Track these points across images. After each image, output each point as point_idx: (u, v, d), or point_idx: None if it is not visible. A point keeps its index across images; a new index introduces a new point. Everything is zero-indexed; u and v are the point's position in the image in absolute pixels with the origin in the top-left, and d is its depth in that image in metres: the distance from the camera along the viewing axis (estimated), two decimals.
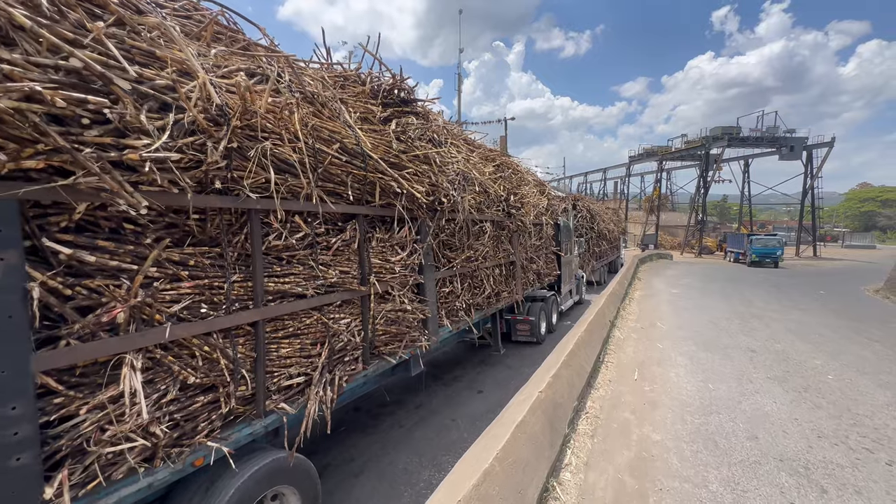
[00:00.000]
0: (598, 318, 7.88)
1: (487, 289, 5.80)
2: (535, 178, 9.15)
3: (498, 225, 6.53)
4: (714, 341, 8.08)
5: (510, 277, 7.01)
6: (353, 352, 3.32)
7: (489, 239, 6.00)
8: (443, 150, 4.20)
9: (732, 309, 11.42)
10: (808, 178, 36.73)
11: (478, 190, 5.49)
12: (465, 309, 5.36)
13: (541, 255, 8.91)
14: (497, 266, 6.37)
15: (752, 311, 11.19)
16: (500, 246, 6.55)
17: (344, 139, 3.18)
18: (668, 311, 10.97)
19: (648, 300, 12.85)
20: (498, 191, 6.40)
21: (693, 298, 13.35)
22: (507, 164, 7.48)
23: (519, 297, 7.31)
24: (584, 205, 19.40)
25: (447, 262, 4.93)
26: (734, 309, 11.42)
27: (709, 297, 13.49)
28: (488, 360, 7.60)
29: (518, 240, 7.44)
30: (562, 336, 9.68)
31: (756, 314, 10.70)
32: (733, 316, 10.48)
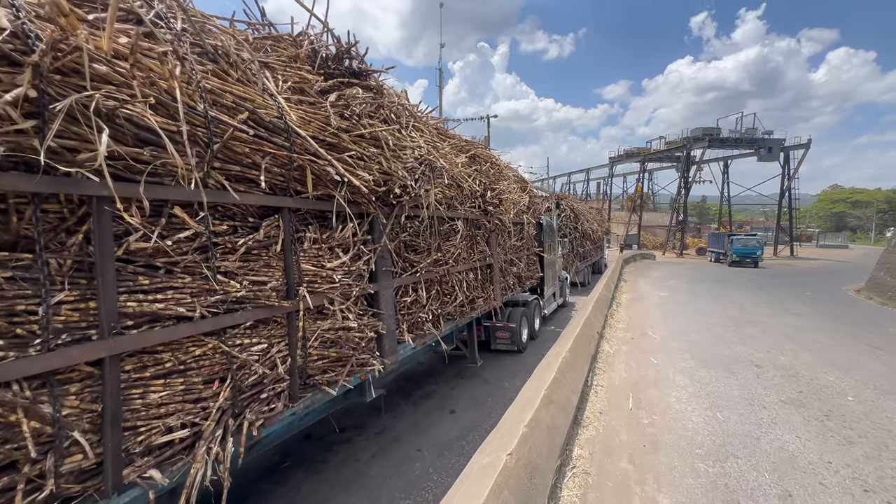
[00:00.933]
0: (585, 330, 7.06)
1: (460, 296, 5.09)
2: (515, 174, 8.51)
3: (473, 223, 5.84)
4: (713, 353, 7.26)
5: (487, 282, 6.32)
6: (274, 386, 2.56)
7: (462, 239, 5.30)
8: (396, 129, 3.47)
9: (724, 313, 10.89)
10: (785, 178, 37.29)
11: (447, 183, 4.78)
12: (433, 320, 4.64)
13: (522, 257, 8.27)
14: (472, 270, 5.67)
15: (745, 315, 10.68)
16: (476, 247, 5.86)
17: (259, 109, 2.42)
18: (659, 318, 10.23)
19: (637, 305, 12.11)
20: (473, 185, 5.71)
21: (683, 302, 12.74)
22: (485, 157, 6.80)
23: (497, 303, 6.63)
24: (567, 204, 18.93)
25: (410, 267, 4.20)
26: (726, 313, 10.90)
27: (698, 301, 12.98)
28: (464, 373, 6.90)
29: (496, 240, 6.77)
30: (545, 343, 8.99)
31: (750, 319, 10.17)
32: (727, 321, 9.91)
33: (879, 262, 15.43)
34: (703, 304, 12.44)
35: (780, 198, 37.90)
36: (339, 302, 3.01)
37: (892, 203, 76.77)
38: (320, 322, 2.92)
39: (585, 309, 8.70)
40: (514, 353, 8.08)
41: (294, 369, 2.69)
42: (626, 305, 11.84)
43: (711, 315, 10.64)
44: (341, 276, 3.01)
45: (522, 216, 8.20)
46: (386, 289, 3.65)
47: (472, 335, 6.70)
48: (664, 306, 11.84)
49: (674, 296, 13.87)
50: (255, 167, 2.37)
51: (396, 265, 3.95)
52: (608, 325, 9.04)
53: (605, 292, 11.47)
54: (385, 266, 3.65)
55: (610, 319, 9.60)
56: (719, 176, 43.01)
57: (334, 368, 3.03)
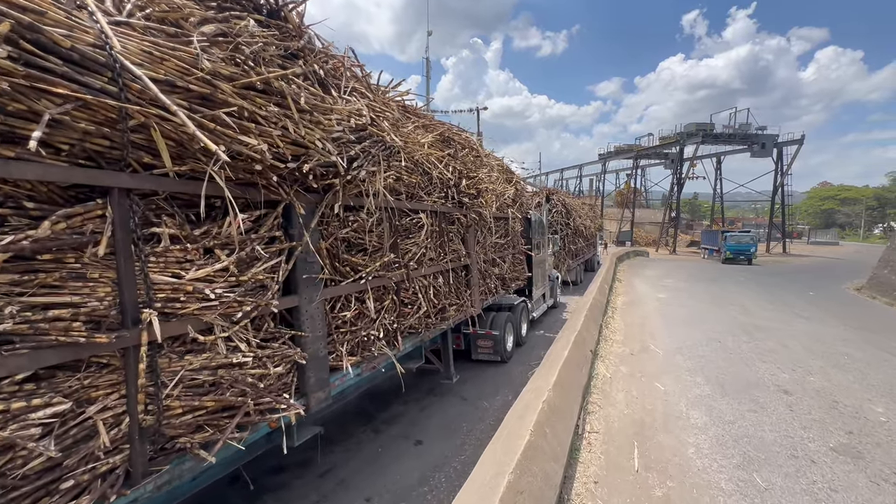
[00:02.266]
0: (576, 352, 5.68)
1: (425, 305, 4.18)
2: (499, 164, 7.60)
3: (444, 218, 4.93)
4: (730, 374, 6.04)
5: (463, 286, 5.42)
6: (92, 466, 1.64)
7: (428, 236, 4.39)
8: (311, 83, 2.52)
9: (731, 318, 9.89)
10: (778, 174, 36.87)
11: (405, 165, 3.87)
12: (388, 336, 3.73)
13: (506, 256, 7.38)
14: (442, 272, 4.77)
15: (753, 321, 9.68)
16: (448, 246, 4.95)
17: (48, 25, 1.48)
18: (660, 326, 9.08)
19: (634, 309, 11.03)
20: (444, 172, 4.80)
21: (684, 305, 11.68)
22: (462, 142, 5.89)
23: (475, 310, 5.74)
24: (559, 199, 18.10)
25: (353, 272, 3.27)
26: (732, 318, 9.89)
27: (699, 303, 12.02)
28: (438, 390, 6.00)
29: (475, 237, 5.87)
30: (533, 351, 8.08)
31: (760, 325, 9.13)
32: (736, 329, 8.76)
33: (882, 259, 14.81)
34: (705, 307, 11.46)
35: (773, 194, 37.49)
36: (220, 327, 2.08)
37: (881, 200, 77.38)
38: (191, 358, 1.99)
39: (577, 319, 7.53)
40: (497, 363, 7.22)
41: (135, 433, 1.77)
42: (623, 310, 10.84)
43: (717, 321, 9.62)
44: (223, 290, 2.07)
45: (507, 210, 7.31)
46: (310, 302, 2.72)
47: (447, 346, 5.80)
48: (664, 310, 10.87)
49: (673, 297, 12.90)
50: (26, 118, 1.43)
51: (330, 270, 3.02)
52: (603, 336, 8.02)
53: (598, 296, 10.43)
54: (310, 272, 2.73)
55: (605, 330, 8.53)
56: (712, 173, 42.61)
57: (217, 422, 2.10)
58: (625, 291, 13.84)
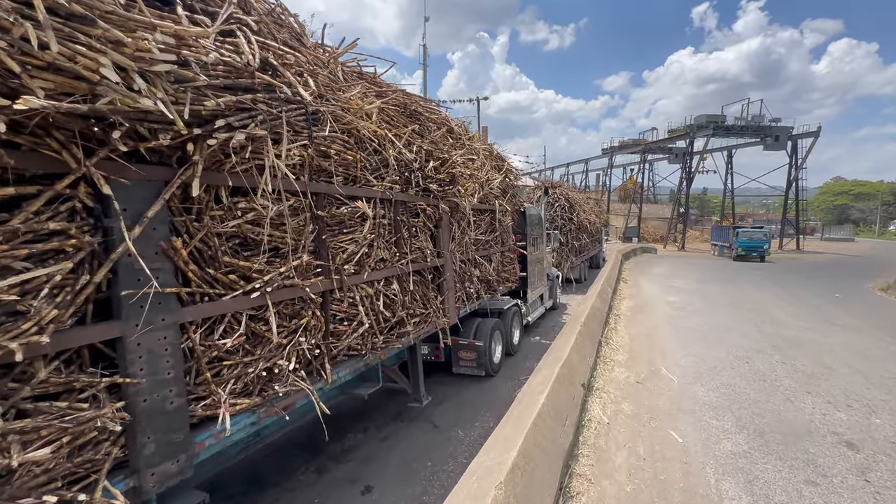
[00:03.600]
0: (561, 389, 4.17)
1: (367, 320, 3.22)
2: (487, 149, 6.61)
3: (405, 209, 3.97)
4: (768, 415, 4.57)
5: (431, 292, 4.46)
6: None
7: (376, 231, 3.43)
8: None
9: (755, 328, 8.47)
10: (792, 168, 35.36)
11: (338, 137, 2.92)
12: (310, 365, 2.79)
13: (493, 254, 6.41)
14: (400, 276, 3.81)
15: (782, 330, 8.30)
16: (409, 243, 3.99)
17: None
18: (672, 339, 7.60)
19: (640, 317, 9.50)
20: (405, 153, 3.84)
21: (698, 311, 10.15)
22: (437, 120, 4.93)
23: (449, 320, 4.79)
24: (562, 192, 17.05)
25: (242, 282, 2.33)
26: (757, 328, 8.46)
27: (716, 308, 10.62)
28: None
29: (450, 233, 4.91)
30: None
31: (791, 338, 7.70)
32: (763, 343, 7.37)
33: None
34: (722, 313, 10.11)
35: (787, 188, 35.99)
36: None
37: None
38: None
39: (567, 337, 5.90)
40: (481, 378, 6.27)
41: None
42: (628, 319, 9.40)
43: (740, 332, 8.16)
44: None
45: (494, 202, 6.33)
46: (142, 333, 1.78)
47: (416, 363, 4.85)
48: (676, 318, 9.44)
49: (685, 301, 11.51)
50: None
51: (198, 280, 2.08)
52: (602, 357, 6.47)
53: (598, 303, 8.91)
54: (138, 286, 1.79)
55: (605, 348, 6.98)
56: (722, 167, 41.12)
57: None
58: (630, 294, 12.60)
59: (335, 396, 3.92)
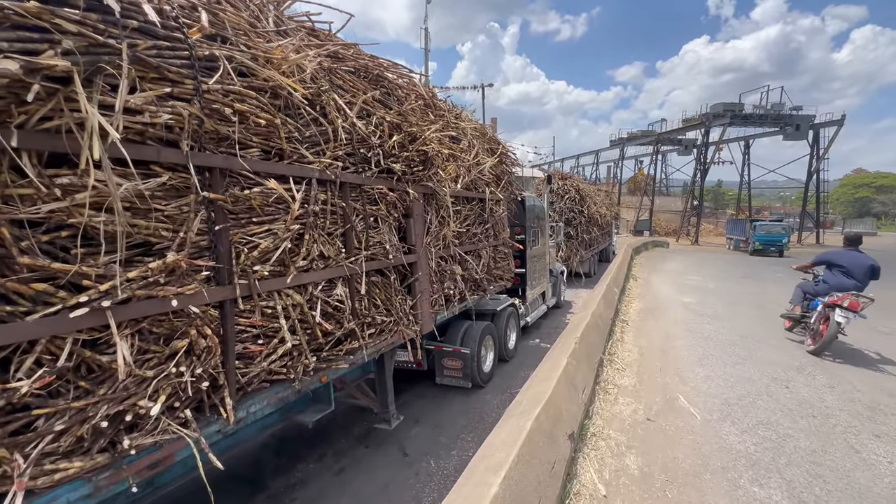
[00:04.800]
0: (532, 455, 2.69)
1: (291, 338, 2.47)
2: (477, 128, 5.78)
3: (358, 193, 3.20)
4: (833, 479, 3.14)
5: (398, 295, 3.70)
6: None
7: (305, 221, 2.67)
8: None
9: (788, 338, 7.10)
10: (813, 159, 33.73)
11: (242, 91, 2.16)
12: (205, 400, 2.06)
13: (484, 249, 5.62)
14: (348, 278, 3.05)
15: None
16: (364, 236, 3.22)
17: None
18: (691, 353, 6.26)
19: (652, 323, 8.12)
20: (359, 125, 3.07)
21: (719, 315, 8.75)
22: (406, 87, 4.14)
23: (421, 327, 4.02)
24: (572, 184, 16.15)
25: (60, 292, 1.59)
26: (791, 338, 7.08)
27: (739, 311, 9.26)
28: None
29: (424, 224, 4.12)
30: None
31: (833, 351, 6.29)
32: (803, 359, 5.97)
33: None
34: (747, 317, 8.74)
35: (808, 180, 34.38)
36: None
37: None
38: None
39: (558, 357, 4.58)
40: (467, 390, 5.53)
41: None
42: (637, 326, 7.94)
43: (771, 343, 6.80)
44: None
45: (485, 189, 5.52)
46: None
47: (383, 378, 4.09)
48: (693, 324, 8.05)
49: (703, 303, 10.15)
50: None
51: None
52: (602, 384, 4.96)
53: (603, 308, 7.41)
54: None
55: (607, 369, 5.47)
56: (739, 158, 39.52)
57: None
58: (641, 294, 11.40)
59: (272, 425, 3.19)
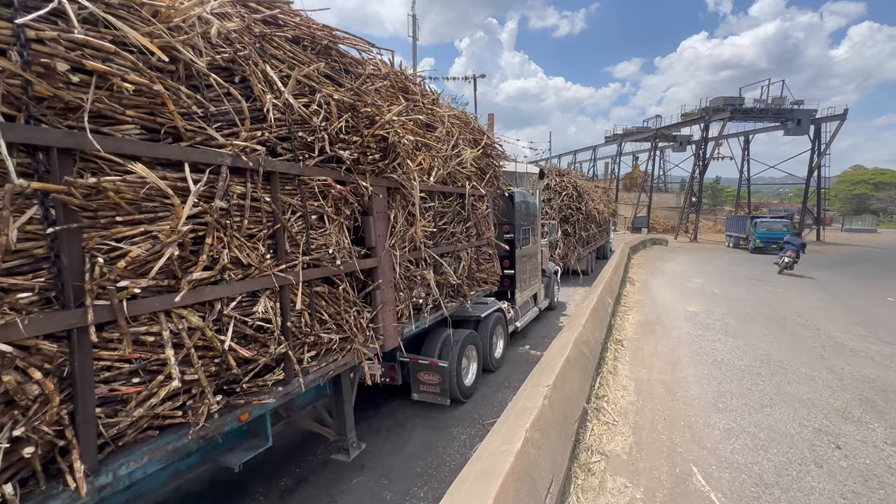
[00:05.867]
0: None
1: (178, 374, 1.89)
2: (457, 115, 5.17)
3: (296, 186, 2.61)
4: None
5: (352, 307, 3.12)
6: None
7: (205, 220, 2.08)
8: None
9: (821, 361, 5.78)
10: (814, 155, 33.20)
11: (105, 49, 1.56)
12: (41, 469, 1.48)
13: (464, 250, 5.04)
14: (281, 290, 2.46)
15: (862, 367, 5.56)
16: (302, 238, 2.64)
17: None
18: (704, 392, 4.79)
19: (652, 343, 6.73)
20: (295, 104, 2.49)
21: (731, 330, 7.45)
22: (366, 65, 3.55)
23: (385, 343, 3.44)
24: (570, 181, 15.61)
25: None
26: (824, 361, 5.77)
27: (753, 324, 7.95)
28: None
29: (388, 222, 3.54)
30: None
31: (887, 384, 4.97)
32: (848, 396, 4.66)
33: None
34: (764, 332, 7.36)
35: (809, 176, 33.85)
36: None
37: None
38: None
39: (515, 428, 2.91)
40: (445, 407, 4.96)
41: None
42: (634, 349, 6.48)
43: (802, 371, 5.37)
44: None
45: (465, 183, 4.94)
46: None
47: (341, 402, 3.51)
48: (703, 345, 6.64)
49: (710, 312, 8.90)
50: None
51: None
52: (584, 457, 3.43)
53: (590, 329, 5.79)
54: None
55: (592, 424, 4.03)
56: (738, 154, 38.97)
57: None
58: (639, 302, 10.22)
59: (196, 466, 2.62)
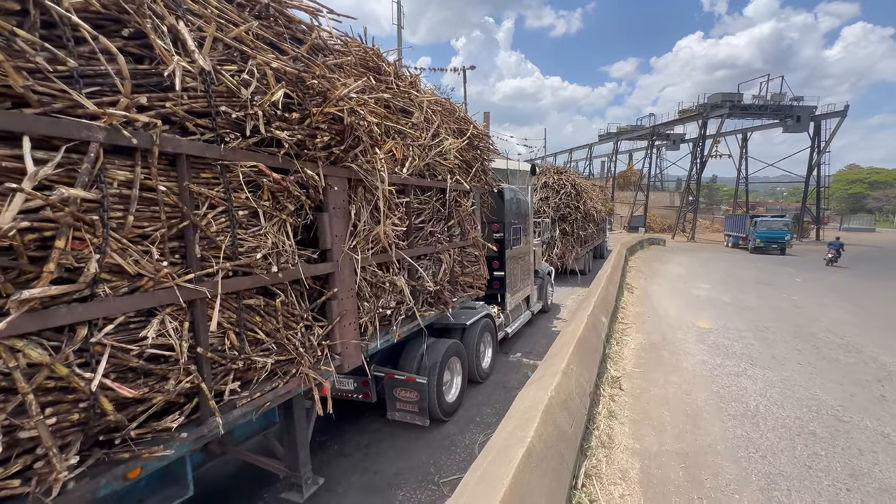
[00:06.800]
0: None
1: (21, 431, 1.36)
2: (439, 102, 4.62)
3: (220, 175, 2.07)
4: None
5: (300, 322, 2.57)
6: None
7: (40, 212, 1.53)
8: None
9: (886, 408, 4.40)
10: (814, 153, 32.84)
11: None
12: None
13: (445, 252, 4.49)
14: (189, 307, 1.92)
15: None
16: (223, 240, 2.09)
17: None
18: (743, 477, 3.22)
19: (659, 382, 5.06)
20: (203, 65, 1.94)
21: (756, 359, 5.82)
22: (315, 31, 3.01)
23: (345, 362, 2.90)
24: (568, 179, 15.11)
25: None
26: (891, 409, 4.38)
27: (780, 346, 6.50)
28: None
29: (347, 219, 2.99)
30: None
31: None
32: None
33: None
34: (796, 357, 5.95)
35: (808, 174, 33.49)
36: None
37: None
38: None
39: None
40: (425, 428, 4.43)
41: None
42: (637, 394, 4.76)
43: (866, 426, 4.03)
44: None
45: (446, 177, 4.39)
46: None
47: (292, 431, 2.97)
48: (725, 384, 4.98)
49: (725, 331, 7.34)
50: None
51: None
52: None
53: (577, 374, 4.16)
54: None
55: None
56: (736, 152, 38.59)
57: None
58: (639, 316, 8.61)
59: None
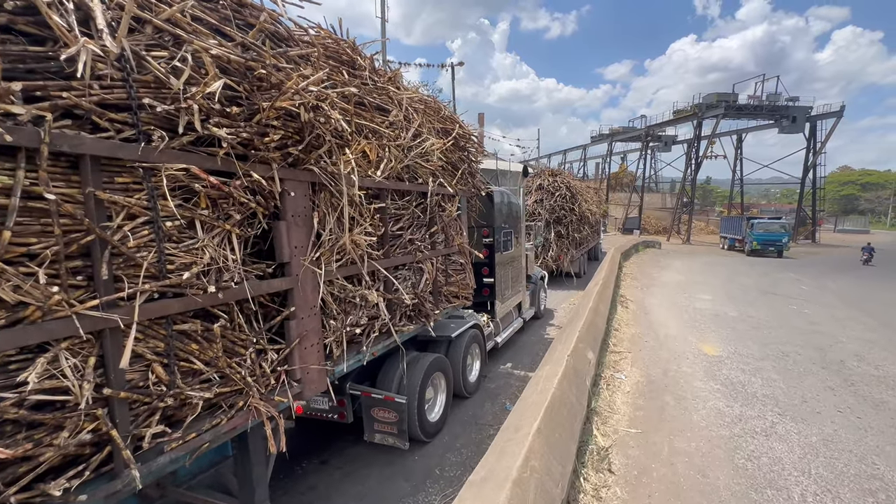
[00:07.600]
0: None
1: None
2: (421, 99, 4.29)
3: (137, 177, 1.74)
4: None
5: (249, 346, 2.25)
6: None
7: None
8: None
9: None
10: (809, 153, 32.82)
11: None
12: None
13: (427, 261, 4.17)
14: (92, 339, 1.59)
15: None
16: (134, 256, 1.77)
17: None
18: None
19: (663, 449, 3.89)
20: (126, 49, 1.60)
21: (783, 406, 4.76)
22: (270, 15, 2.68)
23: (306, 389, 2.57)
24: (563, 181, 14.90)
25: None
26: None
27: (808, 385, 5.39)
28: None
29: (309, 231, 2.67)
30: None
31: None
32: None
33: None
34: (841, 405, 4.82)
35: (804, 175, 33.44)
36: None
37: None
38: None
39: None
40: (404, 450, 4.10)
41: None
42: (633, 471, 3.57)
43: None
44: None
45: (427, 180, 4.07)
46: None
47: (248, 466, 2.63)
48: (754, 452, 3.83)
49: (738, 360, 6.29)
50: None
51: None
52: None
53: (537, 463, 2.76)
54: None
55: None
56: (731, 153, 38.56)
57: None
58: (635, 340, 7.36)
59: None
